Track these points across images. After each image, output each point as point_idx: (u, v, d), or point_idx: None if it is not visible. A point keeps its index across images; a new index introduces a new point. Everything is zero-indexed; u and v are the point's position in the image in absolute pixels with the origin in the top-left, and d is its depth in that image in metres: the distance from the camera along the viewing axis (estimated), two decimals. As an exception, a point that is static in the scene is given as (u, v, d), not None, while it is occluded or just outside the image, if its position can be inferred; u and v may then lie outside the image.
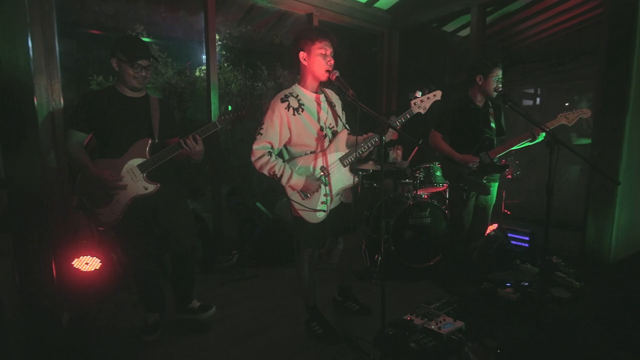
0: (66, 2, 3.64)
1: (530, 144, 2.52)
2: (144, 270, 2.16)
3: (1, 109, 1.77)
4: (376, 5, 4.37)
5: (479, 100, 2.61)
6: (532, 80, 6.33)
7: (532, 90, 7.06)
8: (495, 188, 2.73)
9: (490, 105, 2.67)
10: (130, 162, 1.95)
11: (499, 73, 2.51)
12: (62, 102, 2.58)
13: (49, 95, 2.48)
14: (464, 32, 5.24)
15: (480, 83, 2.54)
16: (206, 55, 3.41)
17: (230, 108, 4.96)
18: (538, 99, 7.17)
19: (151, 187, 2.00)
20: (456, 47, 5.53)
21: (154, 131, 2.03)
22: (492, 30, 5.21)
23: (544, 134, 2.40)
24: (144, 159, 1.97)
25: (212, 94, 3.39)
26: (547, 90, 6.64)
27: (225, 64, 4.72)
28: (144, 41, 2.06)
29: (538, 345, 1.78)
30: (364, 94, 4.95)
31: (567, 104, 5.97)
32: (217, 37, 4.14)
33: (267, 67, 4.90)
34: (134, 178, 1.96)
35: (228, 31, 4.68)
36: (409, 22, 4.54)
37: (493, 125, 2.65)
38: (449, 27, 5.16)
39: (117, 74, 1.97)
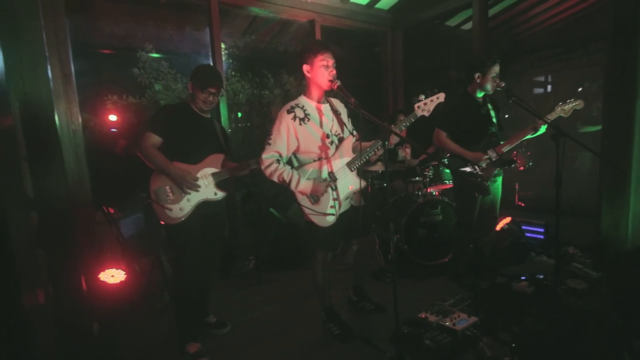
0: (79, 27, 3.81)
1: (532, 136, 2.54)
2: (188, 277, 2.15)
3: (29, 136, 1.91)
4: (377, 6, 4.41)
5: (479, 97, 2.64)
6: (542, 68, 6.23)
7: (542, 79, 6.94)
8: (500, 182, 2.75)
9: (488, 101, 2.69)
10: (205, 170, 2.17)
11: (497, 69, 2.54)
12: (80, 122, 2.73)
13: (69, 118, 2.64)
14: (468, 26, 5.20)
15: (478, 81, 2.57)
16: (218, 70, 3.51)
17: (240, 115, 5.08)
18: (549, 87, 7.04)
19: (220, 194, 2.21)
20: (461, 41, 5.50)
21: (224, 148, 2.29)
22: (498, 20, 5.16)
23: (543, 128, 2.44)
24: (218, 170, 2.20)
25: (221, 105, 3.49)
26: (557, 78, 6.52)
27: (233, 74, 4.83)
28: (217, 71, 2.27)
29: (553, 338, 1.79)
30: (370, 94, 5.01)
31: (579, 89, 5.83)
32: (222, 47, 4.26)
33: (273, 74, 4.99)
34: (207, 184, 2.16)
35: (233, 42, 4.79)
36: (410, 20, 4.56)
37: (495, 120, 2.67)
38: (452, 22, 5.13)
39: (191, 95, 2.17)
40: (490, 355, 1.88)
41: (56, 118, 2.11)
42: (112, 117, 4.20)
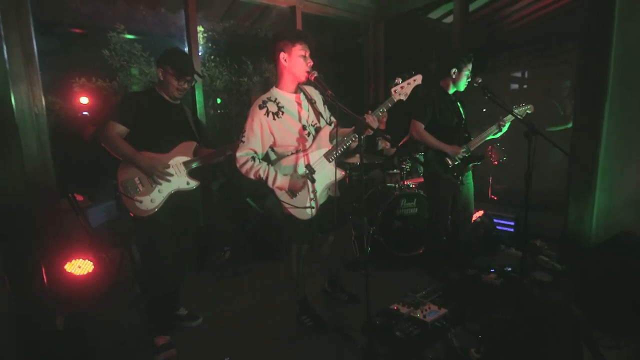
0: (44, 3, 3.57)
1: (495, 136, 2.67)
2: (159, 270, 2.10)
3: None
4: (360, -5, 4.35)
5: (451, 93, 2.67)
6: (519, 64, 6.35)
7: (519, 74, 7.09)
8: (471, 177, 2.83)
9: (456, 97, 2.74)
10: (176, 158, 2.09)
11: (470, 67, 2.60)
12: (44, 106, 2.57)
13: (31, 101, 2.48)
14: (450, 19, 5.22)
15: (454, 76, 2.60)
16: (188, 52, 3.38)
17: (219, 101, 4.94)
18: (525, 83, 7.20)
19: (193, 183, 2.14)
20: (442, 34, 5.52)
21: (196, 136, 2.20)
22: (478, 15, 5.20)
23: (506, 127, 2.61)
24: (190, 158, 2.12)
25: (196, 92, 3.38)
26: (533, 75, 6.67)
27: (212, 58, 4.67)
28: (189, 56, 2.19)
29: (518, 328, 1.86)
30: (351, 84, 4.97)
31: (566, 86, 5.93)
32: (200, 31, 4.10)
33: (253, 61, 4.87)
34: (178, 173, 2.09)
35: (211, 26, 4.62)
36: (393, 11, 4.52)
37: (464, 116, 2.72)
38: (435, 14, 5.14)
39: (161, 82, 2.07)
40: (457, 346, 1.93)
41: (13, 100, 1.97)
42: (83, 100, 4.00)
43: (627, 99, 2.71)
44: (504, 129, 2.62)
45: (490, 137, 2.68)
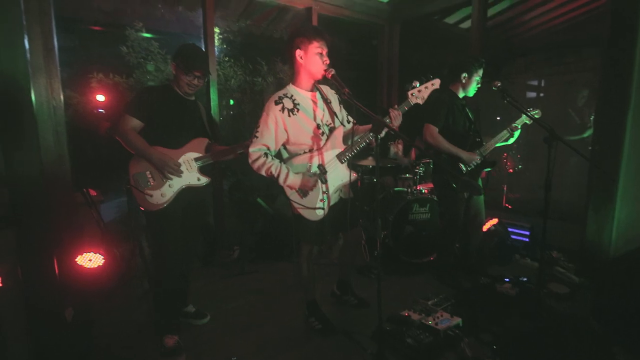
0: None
1: (505, 143, 2.60)
2: (168, 265, 2.08)
3: (1, 110, 1.80)
4: (376, -3, 4.33)
5: (461, 97, 2.64)
6: (535, 72, 6.25)
7: (535, 82, 6.98)
8: (479, 183, 2.77)
9: (465, 103, 2.70)
10: (188, 154, 2.08)
11: (481, 73, 2.56)
12: (62, 99, 2.61)
13: (49, 94, 2.51)
14: (466, 24, 5.17)
15: (464, 81, 2.57)
16: (205, 50, 3.40)
17: (232, 102, 4.96)
18: (542, 92, 7.08)
19: (204, 180, 2.13)
20: (458, 40, 5.46)
21: (208, 133, 2.20)
22: (495, 21, 5.13)
23: (517, 133, 2.53)
24: (201, 154, 2.11)
25: (211, 90, 3.39)
26: (549, 83, 6.56)
27: (226, 59, 4.70)
28: (203, 52, 2.16)
29: (533, 340, 1.80)
30: (365, 87, 4.95)
31: (583, 96, 5.77)
32: (216, 31, 4.13)
33: (267, 62, 4.88)
34: (189, 169, 2.08)
35: (227, 26, 4.65)
36: (409, 14, 4.49)
37: (473, 121, 2.67)
38: (451, 19, 5.09)
39: (174, 76, 2.07)
40: (471, 356, 1.87)
41: (32, 93, 1.99)
42: (100, 97, 4.05)
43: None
44: (516, 135, 2.56)
45: (501, 143, 2.61)
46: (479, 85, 2.61)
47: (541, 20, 5.48)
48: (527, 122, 2.50)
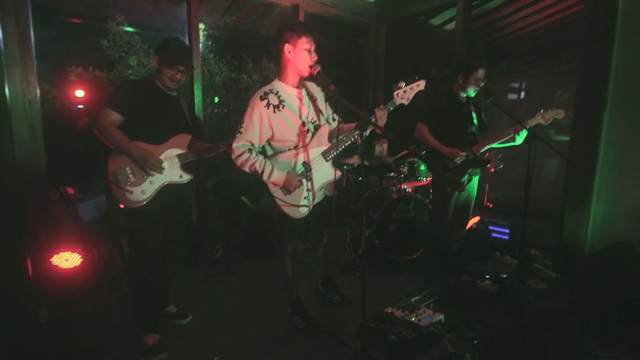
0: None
1: (508, 144, 2.57)
2: (149, 264, 2.04)
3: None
4: (363, -3, 4.34)
5: (462, 97, 2.66)
6: (518, 74, 6.40)
7: (517, 84, 7.14)
8: (476, 181, 2.79)
9: (472, 102, 2.72)
10: (170, 151, 2.03)
11: (482, 73, 2.55)
12: (38, 93, 2.52)
13: (25, 87, 2.43)
14: (451, 26, 5.24)
15: (461, 82, 2.60)
16: (189, 46, 3.34)
17: (217, 100, 4.89)
18: (523, 93, 7.25)
19: (186, 177, 2.08)
20: (443, 41, 5.54)
21: (191, 129, 2.15)
22: (479, 23, 5.22)
23: (524, 133, 2.39)
24: (184, 151, 2.07)
25: (195, 86, 3.34)
26: (531, 85, 6.73)
27: (210, 55, 4.64)
28: (187, 47, 2.13)
29: (512, 335, 1.83)
30: (351, 86, 4.96)
31: (558, 92, 5.91)
32: (201, 27, 4.06)
33: (253, 59, 4.83)
34: (172, 165, 2.03)
35: (212, 22, 4.59)
36: (395, 15, 4.53)
37: (475, 121, 2.71)
38: (436, 21, 5.16)
39: (157, 70, 2.03)
40: (452, 352, 1.90)
41: (6, 85, 1.91)
42: (79, 92, 3.92)
43: (625, 110, 2.72)
44: (522, 135, 2.42)
45: (507, 144, 2.56)
46: (481, 85, 2.57)
47: (523, 24, 5.61)
48: (543, 123, 2.38)
